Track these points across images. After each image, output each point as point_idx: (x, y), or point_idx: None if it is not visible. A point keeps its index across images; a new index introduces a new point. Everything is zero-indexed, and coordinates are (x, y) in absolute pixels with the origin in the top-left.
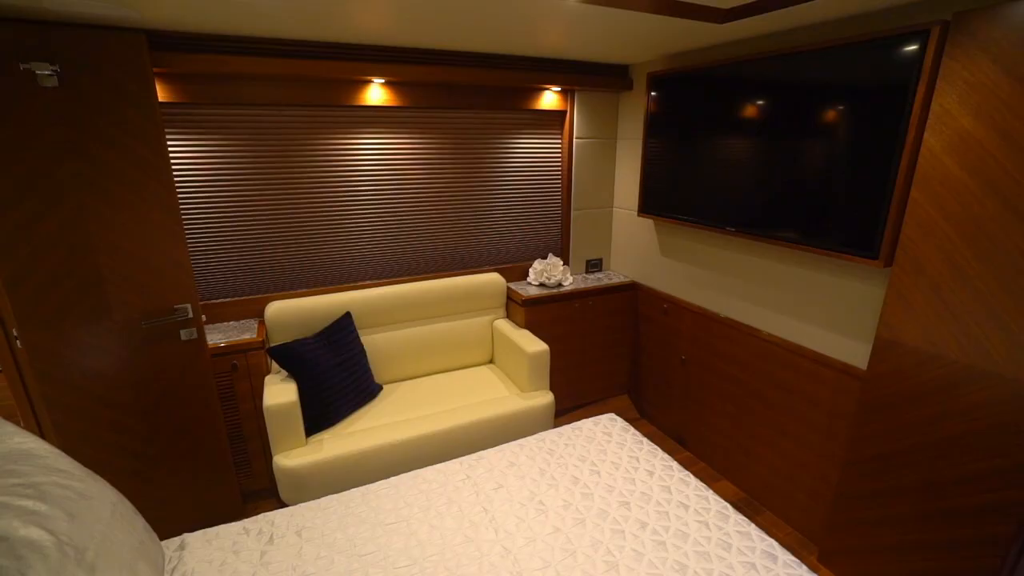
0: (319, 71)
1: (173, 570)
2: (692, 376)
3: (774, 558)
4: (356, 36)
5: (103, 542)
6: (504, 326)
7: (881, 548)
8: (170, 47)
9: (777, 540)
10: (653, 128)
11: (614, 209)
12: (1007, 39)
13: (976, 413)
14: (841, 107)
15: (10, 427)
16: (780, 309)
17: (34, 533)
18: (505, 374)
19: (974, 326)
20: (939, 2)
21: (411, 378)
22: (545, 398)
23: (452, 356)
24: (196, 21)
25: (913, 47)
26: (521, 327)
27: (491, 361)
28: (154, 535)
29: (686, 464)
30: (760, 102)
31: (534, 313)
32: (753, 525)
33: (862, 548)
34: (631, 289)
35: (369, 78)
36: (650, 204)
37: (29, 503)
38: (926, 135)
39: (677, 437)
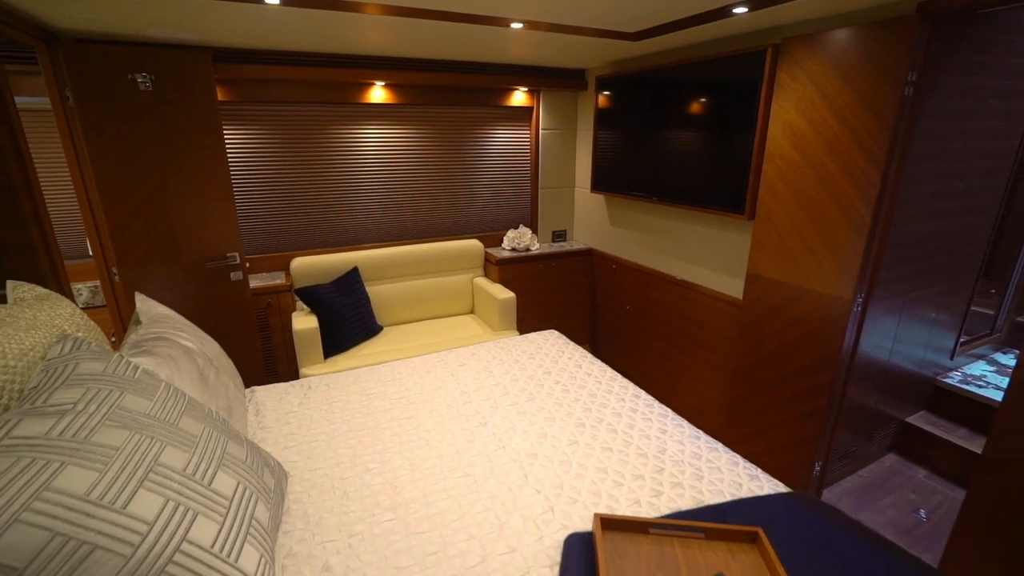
0: (333, 76)
1: (249, 400)
2: (635, 322)
3: (637, 397)
4: (362, 49)
5: (219, 360)
6: (482, 282)
7: (757, 433)
8: (226, 60)
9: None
10: (601, 121)
11: (575, 189)
12: (811, 59)
13: (803, 321)
14: (721, 103)
15: (151, 302)
16: (691, 260)
17: (187, 343)
18: (482, 320)
19: (801, 259)
20: (776, 31)
21: (406, 322)
22: (512, 335)
23: (439, 306)
24: (245, 40)
25: (757, 62)
26: (495, 283)
27: (471, 311)
28: (239, 375)
29: None
30: (672, 99)
31: (506, 271)
32: (632, 384)
33: (746, 436)
34: (588, 254)
35: (372, 81)
36: (599, 182)
37: (177, 332)
38: (770, 124)
39: (625, 375)
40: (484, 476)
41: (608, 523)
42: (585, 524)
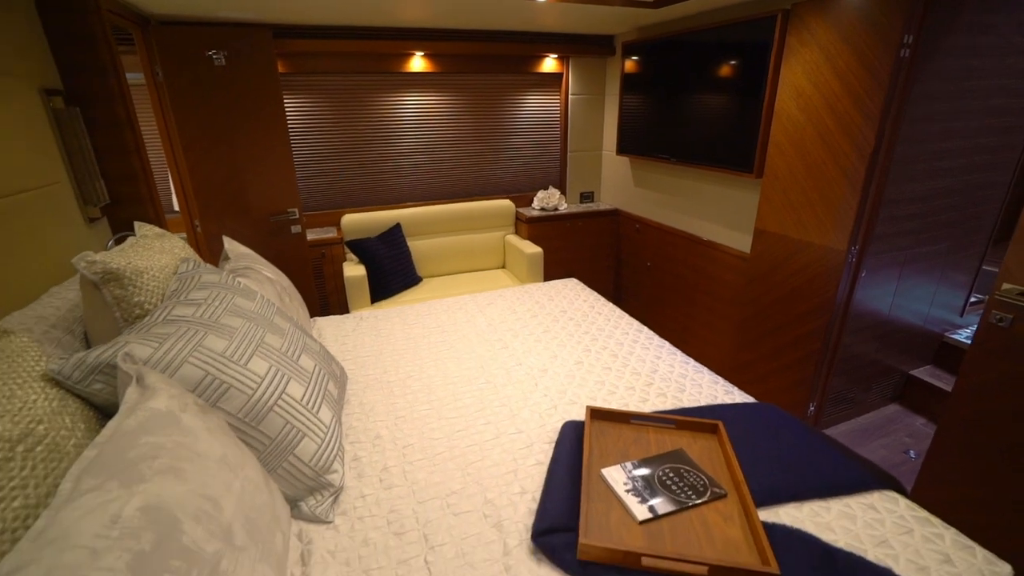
0: (378, 48)
1: (312, 327)
2: (655, 278)
3: (640, 331)
4: (403, 21)
5: (291, 290)
6: (512, 239)
7: (759, 378)
8: (285, 35)
9: None
10: (626, 85)
11: (603, 152)
12: (818, 24)
13: (803, 271)
14: (736, 67)
15: (235, 243)
16: (707, 217)
17: (268, 273)
18: (512, 274)
19: (802, 213)
20: None
21: (442, 275)
22: None
23: (473, 260)
24: (300, 17)
25: (768, 26)
26: (525, 240)
27: (503, 266)
28: (305, 305)
29: None
30: (690, 64)
31: (535, 229)
32: (637, 322)
33: (751, 380)
34: (614, 215)
35: (412, 52)
36: (624, 145)
37: (259, 265)
38: (779, 87)
39: None
40: (502, 383)
41: (596, 413)
42: (581, 418)
